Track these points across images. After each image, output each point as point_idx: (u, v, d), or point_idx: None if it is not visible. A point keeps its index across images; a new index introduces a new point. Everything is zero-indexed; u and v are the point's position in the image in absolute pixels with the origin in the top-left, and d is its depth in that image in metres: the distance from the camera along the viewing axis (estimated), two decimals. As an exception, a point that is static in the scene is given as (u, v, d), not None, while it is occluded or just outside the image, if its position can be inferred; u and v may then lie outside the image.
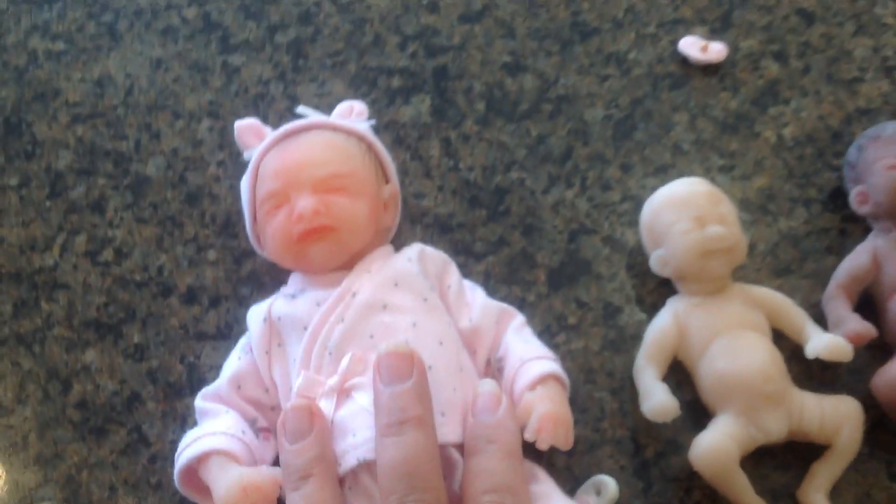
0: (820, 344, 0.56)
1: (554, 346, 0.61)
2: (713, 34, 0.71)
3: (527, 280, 0.64)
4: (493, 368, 0.56)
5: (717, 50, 0.70)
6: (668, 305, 0.60)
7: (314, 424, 0.49)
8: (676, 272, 0.59)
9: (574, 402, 0.58)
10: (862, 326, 0.57)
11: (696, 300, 0.59)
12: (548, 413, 0.51)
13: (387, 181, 0.61)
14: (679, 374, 0.59)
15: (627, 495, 0.57)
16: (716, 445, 0.54)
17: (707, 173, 0.66)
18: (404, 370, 0.48)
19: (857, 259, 0.60)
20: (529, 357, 0.54)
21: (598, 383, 0.61)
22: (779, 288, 0.61)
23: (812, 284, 0.62)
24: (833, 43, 0.70)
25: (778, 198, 0.65)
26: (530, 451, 0.52)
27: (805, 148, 0.66)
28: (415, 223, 0.65)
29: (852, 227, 0.63)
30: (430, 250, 0.58)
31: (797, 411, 0.55)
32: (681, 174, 0.65)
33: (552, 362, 0.54)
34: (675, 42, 0.70)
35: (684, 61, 0.70)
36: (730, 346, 0.56)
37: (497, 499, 0.45)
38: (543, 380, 0.53)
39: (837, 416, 0.55)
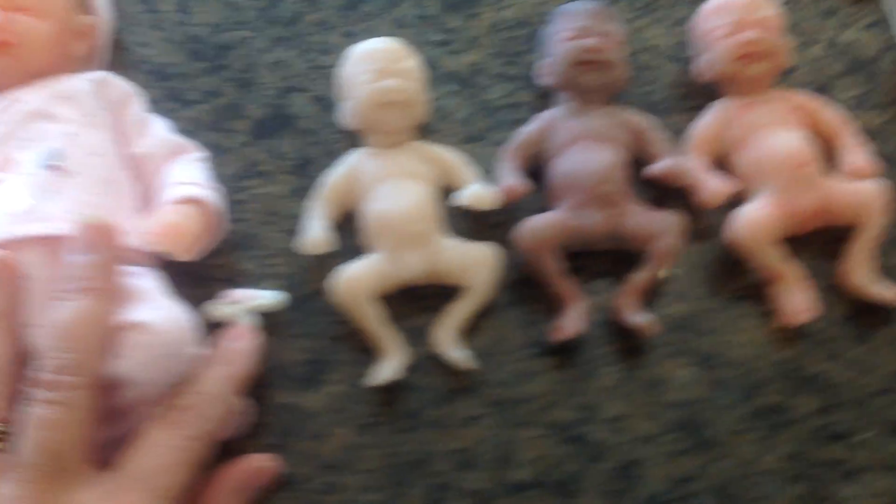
0: (466, 192, 0.58)
1: (241, 189, 0.63)
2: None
3: (232, 129, 0.66)
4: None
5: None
6: (350, 156, 0.62)
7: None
8: (358, 123, 0.61)
9: (252, 239, 0.62)
10: (518, 182, 0.59)
11: (373, 151, 0.61)
12: (168, 222, 0.53)
13: (87, 13, 0.63)
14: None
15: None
16: (353, 276, 0.57)
17: (423, 46, 0.68)
18: (96, 243, 0.51)
19: (529, 126, 0.62)
20: (181, 181, 0.56)
21: (278, 225, 0.63)
22: (468, 152, 0.64)
23: (499, 152, 0.64)
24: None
25: (483, 73, 0.67)
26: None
27: (520, 30, 0.69)
28: (132, 69, 0.67)
29: (547, 103, 0.65)
30: (115, 79, 0.60)
31: (437, 254, 0.58)
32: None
33: (202, 188, 0.56)
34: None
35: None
36: (388, 192, 0.59)
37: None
38: (186, 201, 0.55)
39: (475, 261, 0.58)
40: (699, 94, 0.65)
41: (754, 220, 0.58)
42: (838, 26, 0.68)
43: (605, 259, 0.60)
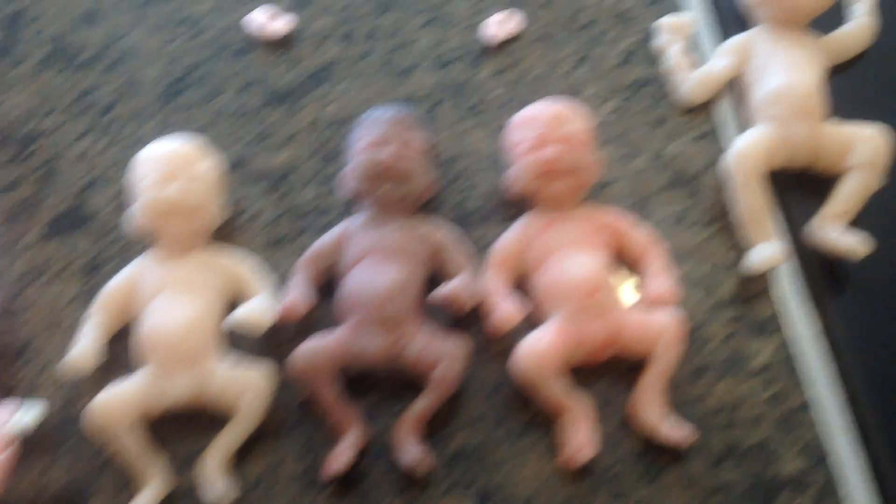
0: (239, 312, 0.56)
1: (25, 291, 0.60)
2: (290, 8, 0.72)
3: (27, 223, 0.63)
4: None
5: (281, 23, 0.69)
6: (135, 262, 0.59)
7: None
8: (143, 228, 0.59)
9: (30, 346, 0.60)
10: (302, 299, 0.57)
11: (158, 258, 0.59)
12: None
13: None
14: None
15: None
16: (110, 400, 0.54)
17: (237, 142, 0.66)
18: None
19: (325, 237, 0.60)
20: None
21: (59, 332, 0.60)
22: (269, 256, 0.61)
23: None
24: (400, 32, 0.70)
25: (297, 172, 0.65)
26: None
27: (341, 128, 0.66)
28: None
29: (355, 208, 0.63)
30: None
31: (208, 376, 0.55)
32: (216, 138, 0.65)
33: None
34: (250, 11, 0.70)
35: (253, 32, 0.70)
36: (162, 305, 0.56)
37: None
38: None
39: (245, 386, 0.55)
40: (513, 206, 0.62)
41: (537, 351, 0.55)
42: (666, 137, 0.65)
43: (390, 382, 0.57)
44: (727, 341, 0.58)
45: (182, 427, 0.56)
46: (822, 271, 0.60)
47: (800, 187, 0.62)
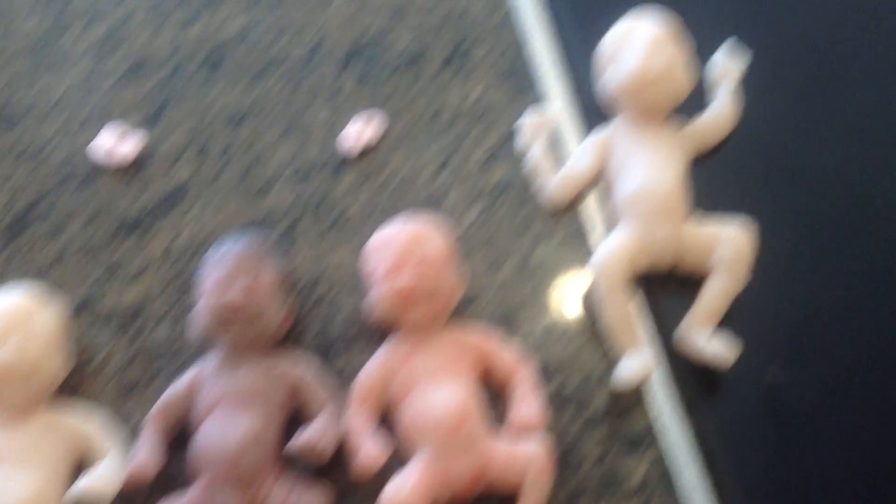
0: (81, 484, 0.53)
1: None
2: (139, 124, 0.69)
3: None
4: None
5: (130, 146, 0.66)
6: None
7: None
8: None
9: None
10: (150, 461, 0.54)
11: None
12: None
13: None
14: None
15: None
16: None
17: (83, 280, 0.62)
18: None
19: (175, 385, 0.57)
20: None
21: None
22: (122, 406, 0.58)
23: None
24: (256, 145, 0.67)
25: (147, 310, 0.62)
26: None
27: (195, 256, 0.63)
28: None
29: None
30: None
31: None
32: (60, 279, 0.62)
33: None
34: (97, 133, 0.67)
35: (100, 159, 0.67)
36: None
37: None
38: None
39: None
40: (378, 330, 0.60)
41: (401, 499, 0.52)
42: (532, 242, 0.63)
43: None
44: (601, 461, 0.56)
45: None
46: (695, 379, 0.58)
47: (671, 288, 0.60)
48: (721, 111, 0.65)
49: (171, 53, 0.72)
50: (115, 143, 0.66)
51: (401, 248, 0.57)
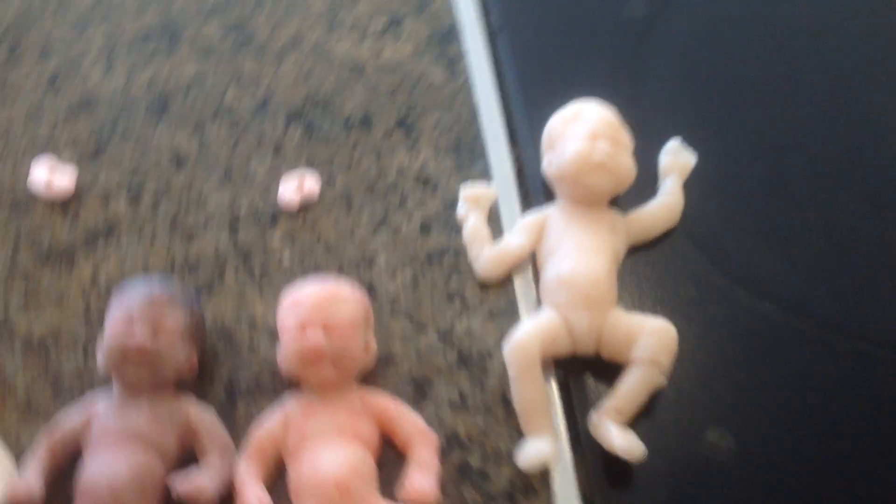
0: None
1: None
2: (78, 164, 0.69)
3: None
4: None
5: (62, 180, 0.66)
6: None
7: None
8: None
9: None
10: (30, 486, 0.52)
11: None
12: None
13: None
14: None
15: None
16: None
17: (7, 308, 0.61)
18: None
19: (70, 412, 0.56)
20: None
21: None
22: (22, 429, 0.57)
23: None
24: (193, 189, 0.67)
25: (61, 338, 0.61)
26: None
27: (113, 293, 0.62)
28: None
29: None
30: None
31: None
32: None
33: None
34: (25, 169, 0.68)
35: (36, 191, 0.67)
36: None
37: None
38: None
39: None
40: (285, 381, 0.59)
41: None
42: (458, 313, 0.62)
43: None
44: (497, 539, 0.54)
45: None
46: (600, 466, 0.57)
47: (589, 371, 0.59)
48: (665, 204, 0.65)
49: (120, 93, 0.72)
50: (51, 176, 0.65)
51: (311, 307, 0.56)
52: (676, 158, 0.67)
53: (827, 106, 0.71)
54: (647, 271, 0.63)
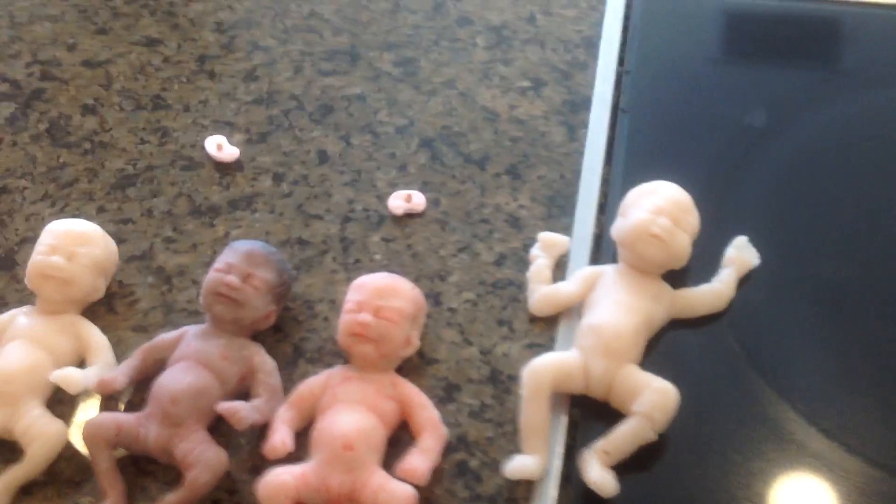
0: (66, 370, 0.67)
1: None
2: (246, 144, 0.84)
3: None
4: None
5: (229, 152, 0.82)
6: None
7: None
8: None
9: None
10: (119, 377, 0.67)
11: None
12: None
13: None
14: None
15: None
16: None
17: (151, 237, 0.78)
18: None
19: (166, 334, 0.70)
20: None
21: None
22: (129, 341, 0.71)
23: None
24: (325, 184, 0.81)
25: (186, 274, 0.76)
26: None
27: (237, 249, 0.76)
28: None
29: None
30: None
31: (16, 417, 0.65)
32: (128, 232, 0.78)
33: None
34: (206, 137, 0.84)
35: (207, 154, 0.83)
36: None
37: None
38: None
39: (41, 432, 0.65)
40: (341, 356, 0.70)
41: (273, 483, 0.61)
42: (502, 337, 0.71)
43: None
44: (470, 535, 0.62)
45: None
46: (582, 499, 0.63)
47: (601, 417, 0.66)
48: (714, 290, 0.70)
49: (297, 95, 0.87)
50: (218, 150, 0.81)
51: (371, 291, 0.67)
52: (740, 253, 0.73)
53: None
54: (680, 345, 0.69)
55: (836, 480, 0.62)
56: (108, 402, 0.68)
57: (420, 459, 0.63)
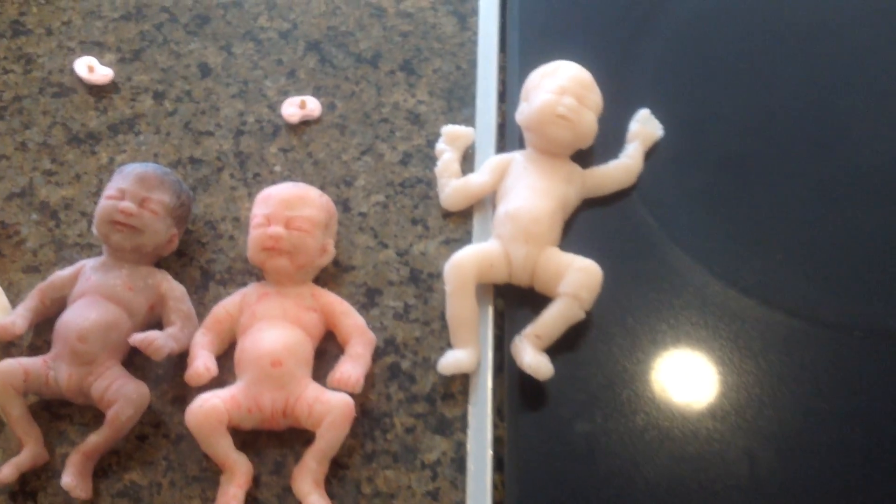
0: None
1: None
2: (119, 63, 0.78)
3: None
4: None
5: (102, 73, 0.76)
6: None
7: None
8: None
9: None
10: (17, 321, 0.62)
11: None
12: None
13: None
14: None
15: None
16: None
17: (29, 172, 0.71)
18: None
19: (62, 271, 0.65)
20: None
21: None
22: (25, 281, 0.66)
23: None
24: (211, 98, 0.76)
25: (74, 207, 0.70)
26: None
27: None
28: None
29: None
30: None
31: None
32: (8, 167, 0.71)
33: None
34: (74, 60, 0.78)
35: (78, 77, 0.77)
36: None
37: None
38: None
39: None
40: (253, 273, 0.68)
41: (204, 408, 0.59)
42: (418, 236, 0.69)
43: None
44: (410, 432, 0.62)
45: None
46: (518, 386, 0.63)
47: (525, 303, 0.65)
48: (623, 165, 0.70)
49: (168, 7, 0.81)
50: (90, 73, 0.75)
51: (278, 202, 0.64)
52: (644, 127, 0.72)
53: (802, 104, 0.74)
54: (595, 223, 0.69)
55: (758, 335, 0.64)
56: (9, 349, 0.63)
57: (352, 367, 0.61)
